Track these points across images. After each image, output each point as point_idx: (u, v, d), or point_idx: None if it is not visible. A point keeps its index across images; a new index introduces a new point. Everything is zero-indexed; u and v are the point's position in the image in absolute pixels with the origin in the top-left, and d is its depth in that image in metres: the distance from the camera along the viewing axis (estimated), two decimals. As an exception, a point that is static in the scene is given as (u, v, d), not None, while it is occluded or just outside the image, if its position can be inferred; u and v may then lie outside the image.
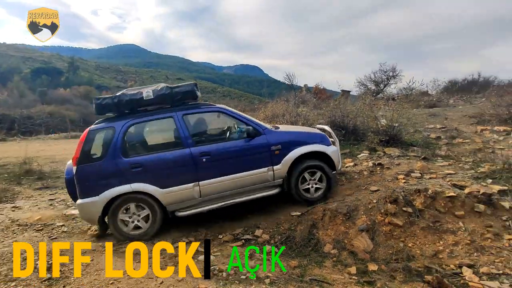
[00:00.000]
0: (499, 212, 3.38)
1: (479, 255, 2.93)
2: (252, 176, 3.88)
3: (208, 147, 3.81)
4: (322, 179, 4.11)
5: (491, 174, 4.08)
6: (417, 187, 3.64)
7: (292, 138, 4.13)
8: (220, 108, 4.11)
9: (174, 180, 3.68)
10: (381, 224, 3.40)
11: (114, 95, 3.79)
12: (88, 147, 3.60)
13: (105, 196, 3.52)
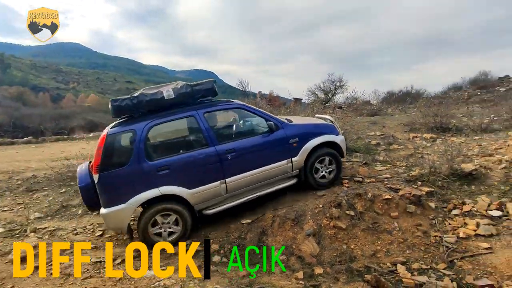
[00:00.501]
0: (427, 212, 3.76)
1: (411, 252, 3.21)
2: (274, 169, 3.99)
3: (232, 144, 3.81)
4: (332, 163, 4.34)
5: (420, 177, 4.53)
6: (359, 191, 3.88)
7: (307, 130, 4.28)
8: (239, 104, 4.14)
9: (201, 180, 3.64)
10: (327, 228, 3.54)
11: (133, 96, 3.59)
12: (109, 153, 3.39)
13: (133, 202, 3.39)
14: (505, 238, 3.15)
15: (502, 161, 4.61)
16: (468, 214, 3.67)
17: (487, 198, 3.87)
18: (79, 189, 3.60)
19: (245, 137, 4.01)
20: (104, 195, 3.36)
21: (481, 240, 3.20)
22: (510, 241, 3.08)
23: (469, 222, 3.48)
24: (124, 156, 3.48)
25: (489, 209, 3.67)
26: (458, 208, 3.80)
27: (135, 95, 3.61)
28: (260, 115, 4.07)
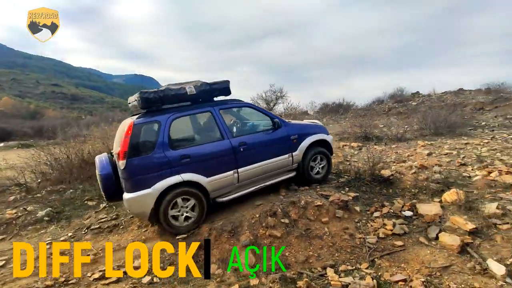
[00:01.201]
0: (353, 215, 4.08)
1: (339, 255, 3.42)
2: (278, 161, 4.50)
3: (244, 138, 4.24)
4: (323, 159, 4.97)
5: (348, 183, 4.93)
6: (293, 199, 4.03)
7: (304, 129, 4.87)
8: (248, 103, 4.74)
9: (217, 169, 3.98)
10: (263, 237, 3.58)
11: (160, 90, 3.90)
12: (135, 140, 3.61)
13: (157, 187, 3.58)
14: (415, 236, 3.58)
15: (412, 167, 5.29)
16: (386, 215, 4.09)
17: (401, 200, 4.38)
18: (100, 177, 3.80)
19: (253, 132, 4.49)
20: (129, 180, 3.55)
21: (396, 238, 3.59)
22: (419, 238, 3.52)
23: (387, 223, 3.87)
24: (150, 144, 3.71)
25: (403, 210, 4.15)
26: (378, 210, 4.20)
27: (162, 89, 3.94)
28: (266, 114, 4.62)
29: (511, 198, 3.97)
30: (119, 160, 3.55)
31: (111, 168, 3.81)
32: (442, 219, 3.75)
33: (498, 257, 3.00)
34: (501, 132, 8.82)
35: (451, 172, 5.11)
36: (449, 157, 5.90)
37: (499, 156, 5.87)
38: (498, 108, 14.16)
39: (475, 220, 3.55)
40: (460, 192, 4.11)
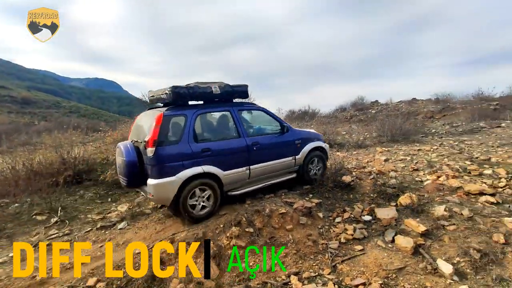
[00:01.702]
0: (317, 222, 4.16)
1: (303, 262, 3.45)
2: (284, 162, 4.92)
3: (257, 138, 4.60)
4: (319, 163, 5.48)
5: (311, 190, 5.04)
6: (258, 207, 4.02)
7: (306, 135, 5.34)
8: (262, 108, 5.05)
9: (234, 164, 4.30)
10: (227, 248, 3.51)
11: (189, 86, 4.16)
12: (165, 130, 3.83)
13: (181, 176, 3.80)
14: (373, 239, 3.74)
15: (371, 172, 5.56)
16: (347, 220, 4.23)
17: (361, 205, 4.56)
18: (125, 163, 3.91)
19: (264, 134, 4.87)
20: (156, 167, 3.74)
21: (356, 243, 3.72)
22: (377, 241, 3.68)
23: (348, 228, 4.01)
24: (177, 135, 3.97)
25: (363, 214, 4.33)
26: (340, 216, 4.34)
27: (191, 86, 4.20)
28: (276, 119, 5.04)
29: (456, 200, 4.32)
30: (147, 148, 3.74)
31: (136, 155, 3.97)
32: (398, 222, 3.96)
33: (446, 257, 3.23)
34: (448, 139, 9.65)
35: (405, 177, 5.46)
36: (404, 163, 6.31)
37: (446, 161, 6.39)
38: (446, 117, 15.53)
39: (426, 222, 3.80)
40: (413, 196, 4.39)
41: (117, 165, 4.32)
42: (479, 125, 11.58)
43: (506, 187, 4.75)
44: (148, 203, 5.20)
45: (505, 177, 5.22)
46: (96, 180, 6.23)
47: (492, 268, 3.02)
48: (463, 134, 10.40)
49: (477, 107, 14.32)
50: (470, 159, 6.57)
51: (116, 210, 5.11)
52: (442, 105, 18.07)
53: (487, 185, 4.81)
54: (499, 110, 14.16)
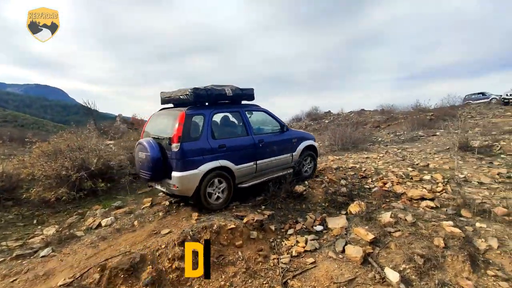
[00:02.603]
0: (268, 235, 3.98)
1: (252, 281, 3.21)
2: (283, 158, 5.42)
3: (262, 136, 5.08)
4: (311, 161, 5.99)
5: (264, 201, 4.87)
6: (205, 224, 3.72)
7: (301, 135, 5.94)
8: (265, 109, 5.46)
9: (244, 159, 4.72)
10: (169, 272, 3.14)
11: (206, 88, 4.53)
12: (187, 127, 4.19)
13: (202, 169, 4.20)
14: (324, 250, 3.65)
15: (323, 181, 5.58)
16: (300, 232, 4.12)
17: (313, 215, 4.50)
18: (149, 158, 4.15)
19: (267, 133, 5.33)
20: (181, 161, 4.07)
21: (308, 255, 3.59)
22: (328, 252, 3.60)
23: (300, 240, 3.88)
24: (197, 132, 4.33)
25: (314, 225, 4.26)
26: (292, 227, 4.21)
27: (209, 88, 4.58)
28: (276, 119, 5.52)
29: (401, 206, 4.47)
30: (172, 143, 4.07)
31: (160, 151, 4.22)
32: (348, 231, 3.94)
33: (393, 265, 3.24)
34: (392, 147, 10.30)
35: (355, 184, 5.58)
36: (353, 171, 6.49)
37: (391, 168, 6.73)
38: (390, 126, 16.74)
39: (374, 229, 3.83)
40: (362, 203, 4.45)
41: (138, 160, 4.52)
42: (418, 134, 12.62)
43: (443, 192, 5.07)
44: (82, 224, 4.58)
45: (442, 182, 5.60)
46: (19, 199, 5.37)
47: (434, 273, 3.08)
48: (405, 142, 11.21)
49: (416, 117, 15.67)
50: (412, 165, 7.00)
51: (41, 234, 4.40)
52: (387, 116, 19.51)
53: (427, 190, 5.10)
54: (434, 120, 15.65)
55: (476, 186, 5.47)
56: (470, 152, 7.93)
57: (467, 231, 3.75)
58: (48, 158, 5.74)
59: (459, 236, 3.52)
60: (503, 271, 3.13)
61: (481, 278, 3.04)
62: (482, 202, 4.49)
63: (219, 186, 4.49)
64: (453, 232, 3.59)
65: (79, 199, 5.50)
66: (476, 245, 3.51)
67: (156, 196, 5.43)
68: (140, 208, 4.87)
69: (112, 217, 4.58)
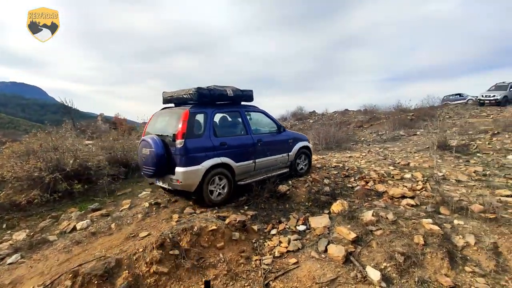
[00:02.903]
0: (251, 236, 3.91)
1: (234, 284, 3.14)
2: (280, 158, 5.60)
3: (260, 136, 5.25)
4: (306, 159, 6.26)
5: (247, 201, 4.80)
6: (185, 225, 3.60)
7: (296, 136, 6.20)
8: (263, 110, 5.66)
9: (243, 157, 4.91)
10: (146, 276, 3.02)
11: (209, 88, 4.73)
12: (191, 125, 4.36)
13: (205, 165, 4.36)
14: (307, 250, 3.63)
15: (306, 181, 5.57)
16: (283, 232, 4.08)
17: (296, 214, 4.47)
18: (153, 154, 4.28)
19: (265, 133, 5.50)
20: (185, 157, 4.20)
21: (291, 256, 3.55)
22: (311, 252, 3.57)
23: (283, 240, 3.84)
24: (200, 130, 4.48)
25: (298, 224, 4.23)
26: (275, 227, 4.17)
27: (211, 88, 4.74)
28: (273, 120, 5.74)
29: (382, 205, 4.51)
30: (176, 139, 4.22)
31: (165, 148, 4.36)
32: (330, 230, 3.94)
33: (374, 263, 3.25)
34: (374, 146, 10.47)
35: (338, 183, 5.59)
36: (336, 170, 6.52)
37: (373, 167, 6.81)
38: (373, 126, 17.05)
39: (356, 228, 3.84)
40: (345, 202, 4.46)
41: (142, 157, 4.63)
42: (399, 133, 12.91)
43: (422, 190, 5.17)
44: (56, 228, 4.35)
45: (422, 180, 5.71)
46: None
47: (414, 271, 3.11)
48: (387, 142, 11.43)
49: (397, 117, 16.02)
50: (393, 164, 7.12)
51: (10, 239, 4.14)
52: (369, 116, 19.87)
53: (408, 188, 5.18)
54: (414, 120, 16.07)
55: (454, 184, 5.61)
56: (448, 151, 8.16)
57: (445, 228, 3.82)
58: (20, 159, 5.44)
59: (438, 233, 3.58)
60: (480, 267, 3.20)
61: (459, 274, 3.09)
62: (459, 200, 4.60)
63: (220, 183, 4.63)
64: (432, 230, 3.64)
65: (53, 202, 5.22)
66: (454, 242, 3.58)
67: (135, 198, 5.25)
68: (119, 210, 4.69)
69: (88, 220, 4.38)
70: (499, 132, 10.28)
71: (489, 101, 19.37)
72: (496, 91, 19.73)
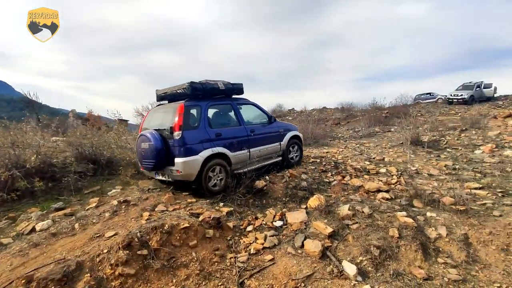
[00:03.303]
0: (226, 233, 3.76)
1: (207, 283, 2.99)
2: (273, 147, 5.81)
3: (252, 127, 5.51)
4: (297, 149, 6.43)
5: (223, 197, 4.65)
6: (155, 223, 3.40)
7: (286, 126, 6.38)
8: (253, 102, 5.88)
9: (238, 147, 5.18)
10: (110, 279, 2.79)
11: (202, 82, 4.99)
12: (187, 117, 4.58)
13: (203, 155, 4.55)
14: (283, 246, 3.54)
15: (284, 176, 5.50)
16: (259, 228, 3.96)
17: (273, 210, 4.38)
18: (153, 147, 4.51)
19: (257, 124, 5.68)
20: (183, 147, 4.44)
21: (267, 252, 3.45)
22: (287, 248, 3.48)
23: (259, 237, 3.73)
24: (195, 122, 4.72)
25: (274, 220, 4.13)
26: (252, 224, 4.05)
27: (203, 82, 4.99)
28: (263, 111, 5.96)
29: (358, 199, 4.52)
30: (174, 132, 4.42)
31: (163, 142, 4.53)
32: (307, 225, 3.87)
33: (350, 257, 3.21)
34: (351, 142, 10.63)
35: (315, 178, 5.57)
36: (314, 165, 6.51)
37: (350, 162, 6.88)
38: (350, 123, 17.40)
39: (333, 223, 3.80)
40: (321, 197, 4.42)
41: (141, 151, 4.79)
42: (375, 130, 13.24)
43: (397, 184, 5.25)
44: (12, 230, 3.98)
45: (396, 175, 5.82)
46: None
47: (389, 264, 3.10)
48: (363, 138, 11.67)
49: (373, 115, 16.45)
50: (369, 159, 7.23)
51: (-43, 243, 3.73)
52: (346, 113, 20.28)
53: (383, 182, 5.24)
54: (389, 117, 16.56)
55: (426, 177, 5.76)
56: (421, 147, 8.42)
57: (419, 220, 3.87)
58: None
59: (411, 226, 3.61)
60: (452, 258, 3.25)
61: (432, 266, 3.13)
62: (432, 193, 4.71)
63: (218, 172, 4.81)
64: (406, 222, 3.67)
65: (11, 201, 4.79)
66: (427, 234, 3.63)
67: (104, 196, 4.94)
68: (84, 209, 4.37)
69: (50, 220, 4.04)
70: (466, 129, 10.78)
71: (457, 100, 20.35)
72: (463, 90, 20.77)
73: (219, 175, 4.82)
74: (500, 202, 4.43)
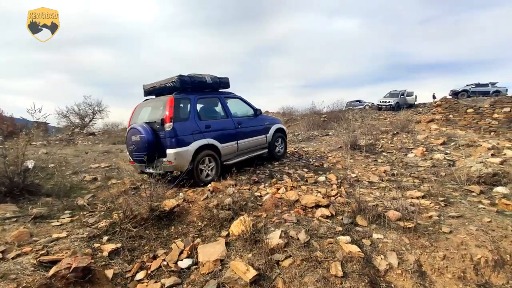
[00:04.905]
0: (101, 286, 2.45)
1: None
2: (259, 139, 6.19)
3: (239, 119, 5.75)
4: (282, 142, 6.91)
5: (111, 226, 3.30)
6: None
7: (271, 119, 6.95)
8: (239, 96, 6.17)
9: (227, 139, 5.35)
10: None
11: (190, 76, 5.14)
12: (177, 110, 4.70)
13: (193, 146, 4.70)
14: (185, 305, 2.37)
15: (205, 191, 4.35)
16: (155, 274, 2.74)
17: (182, 242, 3.19)
18: (144, 139, 4.54)
19: (243, 116, 5.99)
20: (174, 139, 4.54)
21: (157, 319, 2.24)
22: (190, 306, 2.33)
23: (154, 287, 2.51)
24: (185, 114, 4.89)
25: (180, 258, 2.95)
26: (145, 268, 2.81)
27: (191, 75, 5.19)
28: (249, 105, 6.23)
29: (294, 219, 3.58)
30: (165, 123, 4.52)
31: (154, 135, 4.60)
32: (224, 265, 2.78)
33: (278, 319, 2.20)
34: (290, 147, 9.99)
35: (243, 193, 4.51)
36: (245, 175, 5.49)
37: (286, 170, 6.03)
38: (290, 127, 17.09)
39: (259, 259, 2.76)
40: (247, 220, 3.35)
41: (131, 144, 4.77)
42: (314, 133, 12.96)
43: (337, 195, 4.51)
44: None
45: (336, 183, 5.13)
46: None
47: (332, 324, 2.17)
48: (302, 142, 11.18)
49: (312, 118, 16.37)
50: (307, 166, 6.51)
51: None
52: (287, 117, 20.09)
53: (322, 194, 4.44)
54: (327, 121, 16.69)
55: (367, 186, 5.19)
56: (358, 150, 8.10)
57: (365, 246, 3.08)
58: None
59: (358, 257, 2.78)
60: (409, 301, 2.47)
61: (387, 318, 2.29)
62: (375, 205, 4.04)
63: (208, 163, 4.96)
64: (351, 253, 2.82)
65: None
66: (376, 265, 2.83)
67: None
68: None
69: None
70: (398, 132, 11.04)
71: (385, 106, 21.81)
72: (390, 97, 22.38)
73: (209, 165, 4.97)
74: (445, 214, 3.96)
